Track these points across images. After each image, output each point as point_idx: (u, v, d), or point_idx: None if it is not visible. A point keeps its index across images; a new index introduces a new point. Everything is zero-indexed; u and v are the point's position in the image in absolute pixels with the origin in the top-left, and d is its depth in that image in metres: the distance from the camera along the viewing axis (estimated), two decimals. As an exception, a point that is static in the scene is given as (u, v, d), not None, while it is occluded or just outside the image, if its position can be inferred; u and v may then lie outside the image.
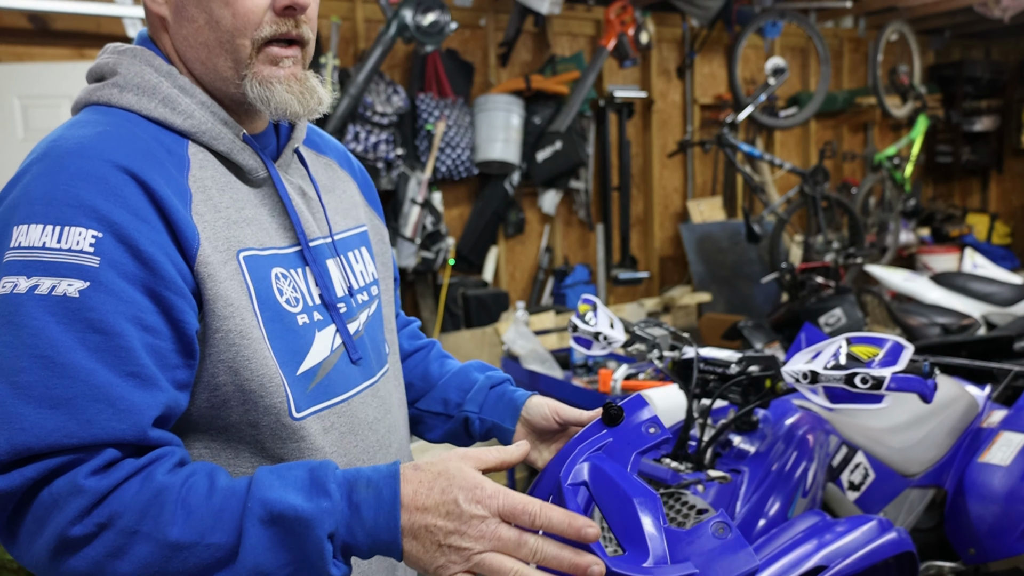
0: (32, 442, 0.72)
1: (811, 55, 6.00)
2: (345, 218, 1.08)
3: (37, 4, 3.33)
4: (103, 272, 0.76)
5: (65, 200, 0.77)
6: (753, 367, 1.43)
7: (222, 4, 0.86)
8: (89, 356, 0.75)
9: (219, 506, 0.75)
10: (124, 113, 0.88)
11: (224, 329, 0.84)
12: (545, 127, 4.57)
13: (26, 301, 0.75)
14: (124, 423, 0.75)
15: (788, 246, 5.35)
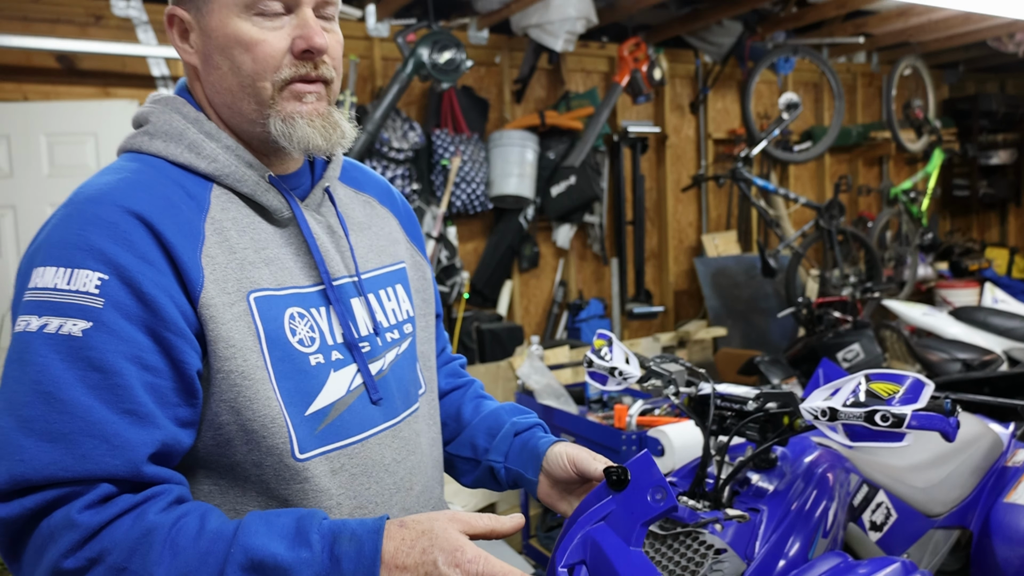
0: (30, 473, 0.75)
1: (824, 90, 6.03)
2: (380, 255, 1.09)
3: (65, 45, 3.41)
4: (106, 313, 0.80)
5: (76, 244, 0.81)
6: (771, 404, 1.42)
7: (242, 51, 0.90)
8: (88, 393, 0.78)
9: (205, 549, 0.77)
10: (152, 159, 0.92)
11: (225, 370, 0.85)
12: (559, 162, 4.60)
13: (35, 339, 0.79)
14: (118, 459, 0.77)
15: (804, 280, 5.32)
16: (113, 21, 3.72)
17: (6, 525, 0.77)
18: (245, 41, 0.90)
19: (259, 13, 0.90)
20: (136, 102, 3.65)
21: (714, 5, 4.67)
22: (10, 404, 0.78)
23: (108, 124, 3.57)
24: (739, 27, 5.10)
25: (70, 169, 3.55)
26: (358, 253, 1.04)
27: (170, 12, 0.95)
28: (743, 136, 5.42)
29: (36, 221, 3.52)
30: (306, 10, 0.92)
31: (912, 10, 4.95)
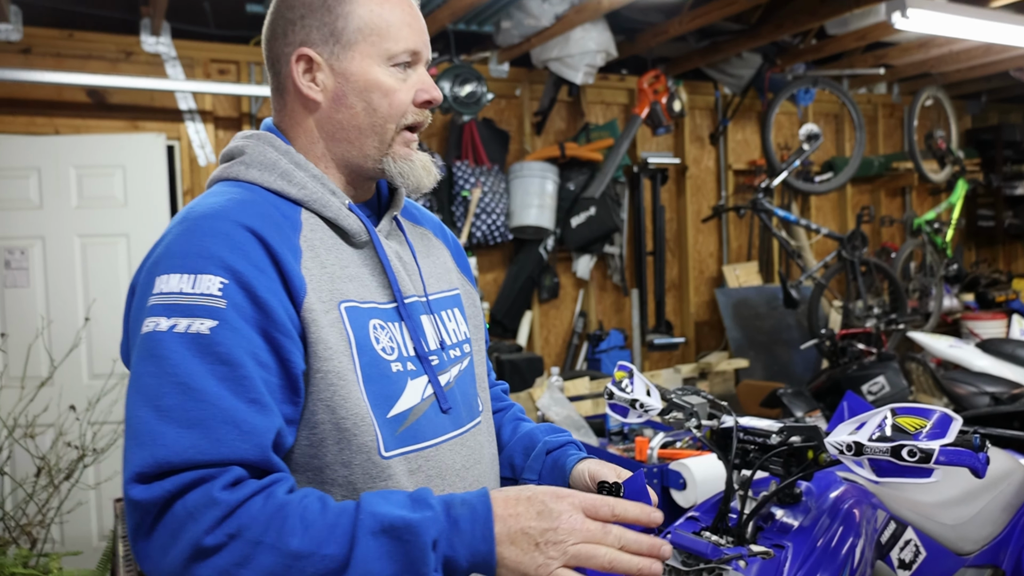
0: (172, 457, 0.82)
1: (845, 121, 6.02)
2: (439, 281, 1.19)
3: (96, 80, 3.49)
4: (228, 312, 0.88)
5: (198, 253, 0.91)
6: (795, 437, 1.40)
7: (381, 95, 1.04)
8: (218, 384, 0.86)
9: (332, 521, 0.83)
10: (249, 185, 1.03)
11: (324, 370, 0.94)
12: (579, 193, 4.62)
13: (166, 337, 0.87)
14: (248, 443, 0.85)
15: (827, 311, 5.27)
16: (143, 57, 3.81)
17: (144, 508, 0.82)
18: (384, 88, 1.04)
19: (395, 65, 1.04)
20: (163, 135, 3.72)
21: (733, 38, 4.70)
22: (147, 396, 0.85)
23: (136, 156, 3.64)
24: (758, 59, 5.12)
25: (98, 201, 3.61)
26: (424, 276, 1.15)
27: (302, 52, 1.04)
28: (763, 167, 5.41)
29: (64, 252, 3.58)
30: (422, 67, 1.08)
31: (933, 41, 4.95)
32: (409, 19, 1.05)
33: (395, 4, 1.05)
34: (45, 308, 3.55)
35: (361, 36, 1.03)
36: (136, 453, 0.83)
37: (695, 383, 4.84)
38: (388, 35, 1.03)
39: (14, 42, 3.56)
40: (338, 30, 1.03)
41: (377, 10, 1.03)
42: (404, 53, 1.04)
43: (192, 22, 3.93)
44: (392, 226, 1.14)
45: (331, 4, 1.03)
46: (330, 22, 1.03)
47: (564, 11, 3.99)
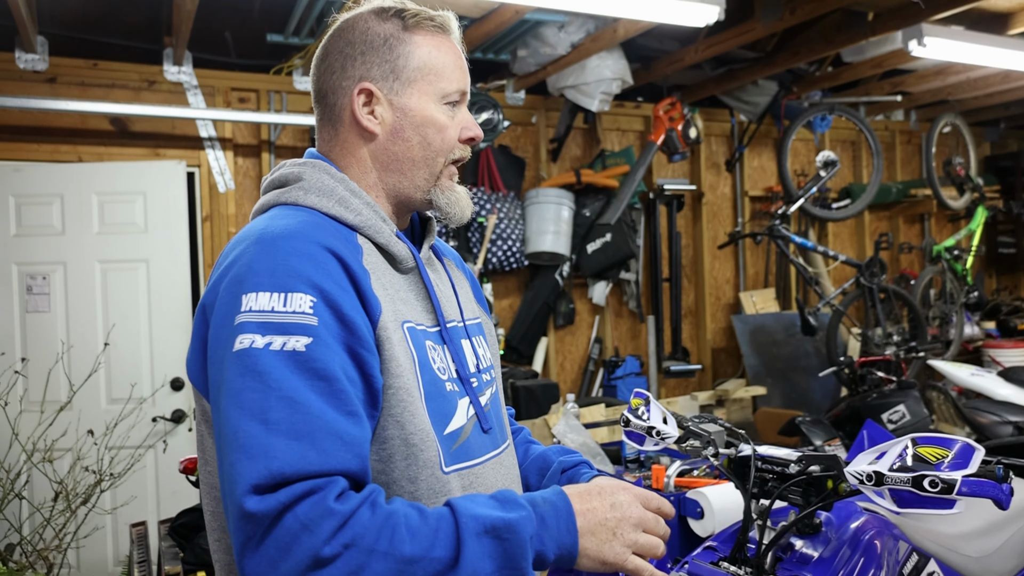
0: (285, 468, 0.84)
1: (862, 147, 6.01)
2: (467, 309, 1.25)
3: (120, 108, 3.56)
4: (320, 330, 0.92)
5: (285, 272, 0.93)
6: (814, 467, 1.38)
7: (436, 131, 1.11)
8: (319, 398, 0.89)
9: (435, 526, 0.88)
10: (308, 210, 1.06)
11: (396, 386, 0.98)
12: (595, 219, 4.62)
13: (264, 355, 0.89)
14: (350, 454, 0.88)
15: (846, 339, 5.22)
16: (165, 86, 3.88)
17: (258, 520, 0.83)
18: (439, 124, 1.11)
19: (446, 103, 1.12)
20: (184, 162, 3.77)
21: (749, 66, 4.72)
22: (252, 411, 0.87)
23: (157, 183, 3.69)
24: (774, 87, 5.13)
25: (119, 227, 3.66)
26: (460, 302, 1.21)
27: (363, 87, 1.10)
28: (780, 194, 5.40)
29: (85, 277, 3.62)
30: (465, 106, 1.16)
31: (950, 68, 4.94)
32: (460, 62, 1.14)
33: (449, 48, 1.13)
34: (65, 333, 3.59)
35: (420, 75, 1.10)
36: (248, 466, 0.84)
37: (712, 410, 4.80)
38: (443, 75, 1.11)
39: (40, 72, 3.64)
40: (398, 68, 1.10)
41: (435, 52, 1.11)
42: (455, 92, 1.13)
43: (213, 52, 4.00)
44: (429, 254, 1.21)
45: (392, 43, 1.10)
46: (391, 60, 1.10)
47: (580, 40, 4.03)
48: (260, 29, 3.90)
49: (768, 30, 3.84)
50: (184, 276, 3.70)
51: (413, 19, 1.11)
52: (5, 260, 3.58)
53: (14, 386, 3.19)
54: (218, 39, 4.01)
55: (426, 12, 1.12)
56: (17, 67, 3.59)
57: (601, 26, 3.94)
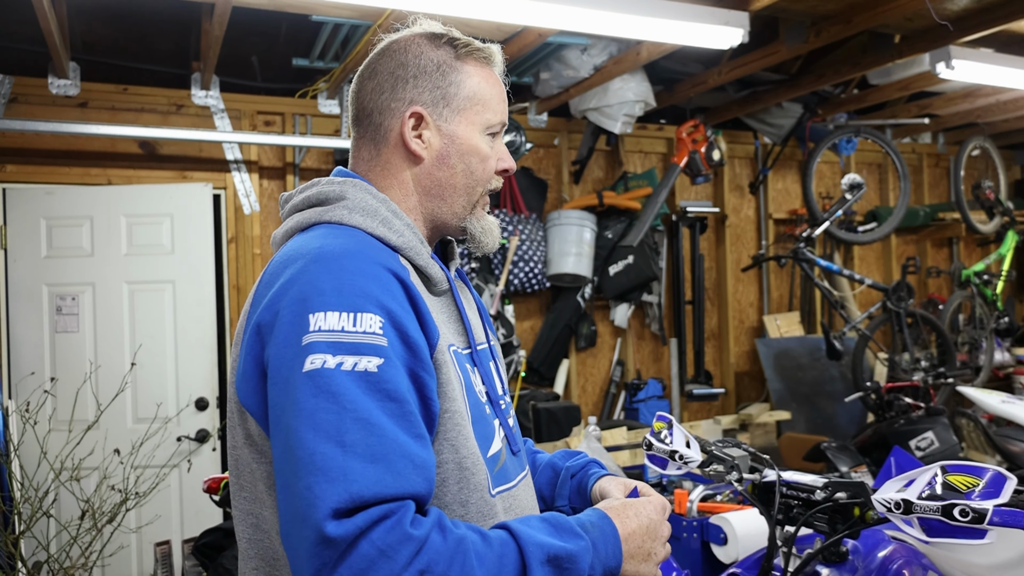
0: (364, 492, 0.83)
1: (889, 170, 5.95)
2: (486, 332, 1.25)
3: (149, 132, 3.62)
4: (390, 351, 0.91)
5: (353, 292, 0.92)
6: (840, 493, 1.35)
7: (479, 160, 1.13)
8: (390, 420, 0.87)
9: (500, 552, 0.88)
10: (353, 230, 1.04)
11: (451, 410, 0.98)
12: (617, 241, 4.61)
13: (336, 375, 0.87)
14: (420, 477, 0.87)
15: (872, 364, 5.14)
16: (193, 109, 3.95)
17: (337, 544, 0.80)
18: (483, 154, 1.13)
19: (489, 134, 1.14)
20: (210, 184, 3.83)
21: (773, 88, 4.71)
22: (327, 432, 0.85)
23: (184, 206, 3.75)
24: (799, 109, 5.11)
25: (147, 248, 3.72)
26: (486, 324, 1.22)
27: (416, 111, 1.10)
28: (804, 216, 5.36)
29: (113, 298, 3.67)
30: (501, 139, 1.17)
31: (979, 91, 4.90)
32: (503, 95, 1.17)
33: (495, 80, 1.16)
34: (93, 353, 3.64)
35: (469, 104, 1.12)
36: (328, 489, 0.82)
37: (735, 435, 4.74)
38: (489, 107, 1.13)
39: (72, 96, 3.72)
40: (449, 95, 1.11)
41: (483, 84, 1.13)
42: (498, 124, 1.15)
43: (240, 76, 4.07)
44: (456, 277, 1.22)
45: (445, 70, 1.11)
46: (443, 87, 1.11)
47: (603, 62, 4.05)
48: (286, 54, 3.97)
49: (792, 52, 3.84)
50: (209, 297, 3.74)
51: (464, 49, 1.13)
52: (36, 281, 3.64)
53: (43, 405, 3.23)
54: (245, 63, 4.08)
55: (476, 44, 1.14)
56: (50, 92, 3.68)
57: (624, 49, 3.95)
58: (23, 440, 3.13)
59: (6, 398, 3.48)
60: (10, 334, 3.63)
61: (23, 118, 3.55)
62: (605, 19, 3.04)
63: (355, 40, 3.58)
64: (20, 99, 3.64)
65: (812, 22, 3.70)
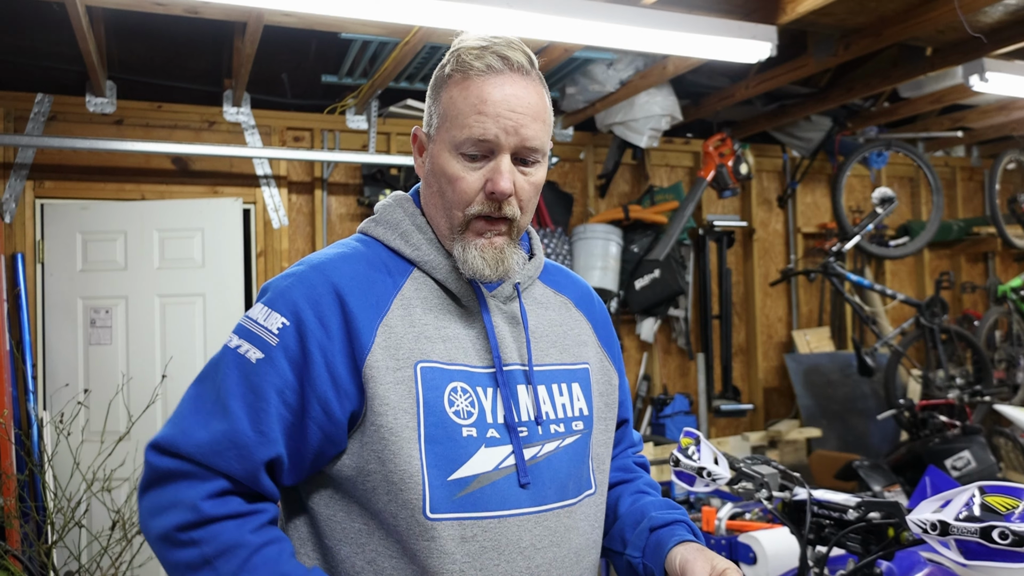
0: (180, 443, 0.97)
1: (921, 184, 5.87)
2: (561, 353, 1.16)
3: (182, 148, 3.69)
4: (276, 351, 0.99)
5: (282, 294, 1.03)
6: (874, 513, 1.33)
7: (447, 181, 1.06)
8: (242, 408, 0.98)
9: None
10: (372, 240, 1.13)
11: (378, 424, 0.99)
12: (643, 256, 4.59)
13: (229, 353, 1.02)
14: (240, 465, 0.97)
15: (905, 381, 5.05)
16: (224, 126, 4.01)
17: (150, 470, 0.99)
18: (449, 175, 1.05)
19: (463, 154, 1.04)
20: (240, 199, 3.88)
21: (801, 101, 4.67)
22: (196, 389, 1.02)
23: (214, 220, 3.80)
24: (828, 122, 5.07)
25: (178, 262, 3.77)
26: (536, 346, 1.13)
27: (416, 131, 1.15)
28: (834, 230, 5.30)
29: (145, 311, 3.73)
30: (503, 158, 1.03)
31: (1014, 103, 4.82)
32: (485, 108, 1.01)
33: (473, 93, 1.02)
34: (126, 365, 3.69)
35: (441, 122, 1.06)
36: (166, 427, 1.00)
37: (764, 452, 4.68)
38: (455, 123, 1.03)
39: (108, 114, 3.80)
40: (432, 113, 1.10)
41: (455, 97, 1.04)
42: (467, 142, 1.02)
43: (270, 92, 4.13)
44: (513, 291, 1.13)
45: (436, 88, 1.10)
46: (431, 105, 1.10)
47: (629, 77, 4.05)
48: (315, 70, 4.02)
49: (821, 66, 3.81)
50: (239, 310, 3.79)
51: (449, 67, 1.06)
52: (71, 294, 3.71)
53: (76, 416, 3.28)
54: (275, 80, 4.14)
55: (463, 61, 1.04)
56: (87, 110, 3.76)
57: (650, 63, 3.95)
58: (57, 451, 3.18)
59: (41, 409, 3.55)
60: (46, 346, 3.70)
61: (61, 135, 3.64)
62: (632, 34, 3.04)
63: (383, 57, 3.62)
64: (59, 117, 3.73)
65: (841, 35, 3.67)
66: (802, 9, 3.15)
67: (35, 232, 3.70)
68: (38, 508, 3.14)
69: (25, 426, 3.40)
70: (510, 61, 1.03)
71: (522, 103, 1.03)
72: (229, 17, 3.05)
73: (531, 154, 1.05)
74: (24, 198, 3.67)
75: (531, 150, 1.05)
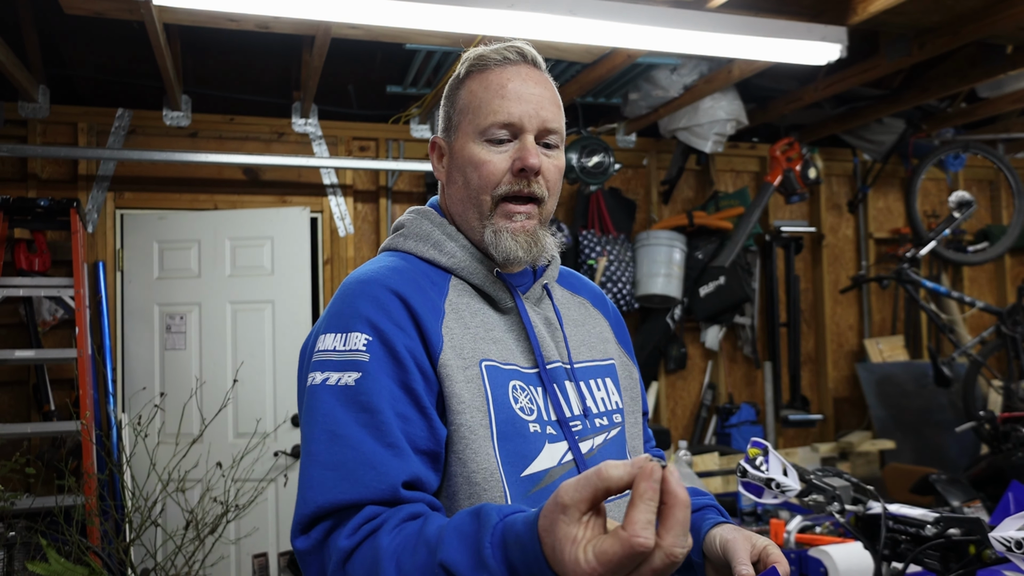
0: (319, 499, 0.90)
1: (1001, 187, 5.63)
2: (591, 350, 1.21)
3: (253, 159, 3.81)
4: (371, 365, 0.97)
5: (349, 314, 1.01)
6: (953, 529, 1.27)
7: (472, 168, 1.09)
8: (360, 430, 0.93)
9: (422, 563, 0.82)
10: (405, 255, 1.14)
11: (456, 423, 0.99)
12: (708, 262, 4.53)
13: (320, 390, 0.97)
14: (382, 483, 0.90)
15: (985, 391, 4.84)
16: (293, 137, 4.12)
17: (302, 555, 0.92)
18: (475, 160, 1.09)
19: (489, 140, 1.08)
20: (308, 208, 3.98)
21: (873, 103, 4.54)
22: (304, 444, 0.96)
23: (283, 229, 3.90)
24: (901, 124, 4.91)
25: (249, 270, 3.89)
26: (571, 344, 1.18)
27: (433, 140, 1.18)
28: (908, 236, 5.12)
29: (217, 317, 3.85)
30: (528, 137, 1.08)
31: (1100, 101, 4.58)
32: (506, 92, 1.08)
33: (490, 82, 1.10)
34: (199, 369, 3.82)
35: (461, 116, 1.12)
36: (298, 504, 0.93)
37: (835, 464, 4.54)
38: (479, 111, 1.09)
39: (183, 127, 3.95)
40: (450, 116, 1.14)
41: (475, 91, 1.11)
42: (494, 126, 1.08)
43: (337, 103, 4.23)
44: (542, 293, 1.19)
45: (450, 95, 1.15)
46: (448, 110, 1.15)
47: (693, 82, 4.00)
48: (380, 81, 4.10)
49: (894, 67, 3.69)
50: (306, 316, 3.88)
51: (467, 66, 1.13)
52: (149, 301, 3.86)
53: (153, 419, 3.41)
54: (342, 91, 4.24)
55: (478, 54, 1.12)
56: (164, 123, 3.91)
57: (715, 68, 3.90)
58: (135, 452, 3.30)
59: (120, 411, 3.69)
60: (125, 351, 3.86)
61: (140, 148, 3.80)
62: (697, 39, 3.01)
63: (446, 66, 3.67)
64: (138, 131, 3.89)
65: (915, 34, 3.56)
66: (873, 8, 3.07)
67: (115, 241, 3.86)
68: (117, 507, 3.26)
69: (105, 428, 3.54)
70: (524, 53, 1.12)
71: (539, 87, 1.11)
72: (298, 31, 3.13)
73: (552, 136, 1.11)
74: (105, 209, 3.83)
75: (552, 132, 1.11)
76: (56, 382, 3.74)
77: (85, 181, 3.81)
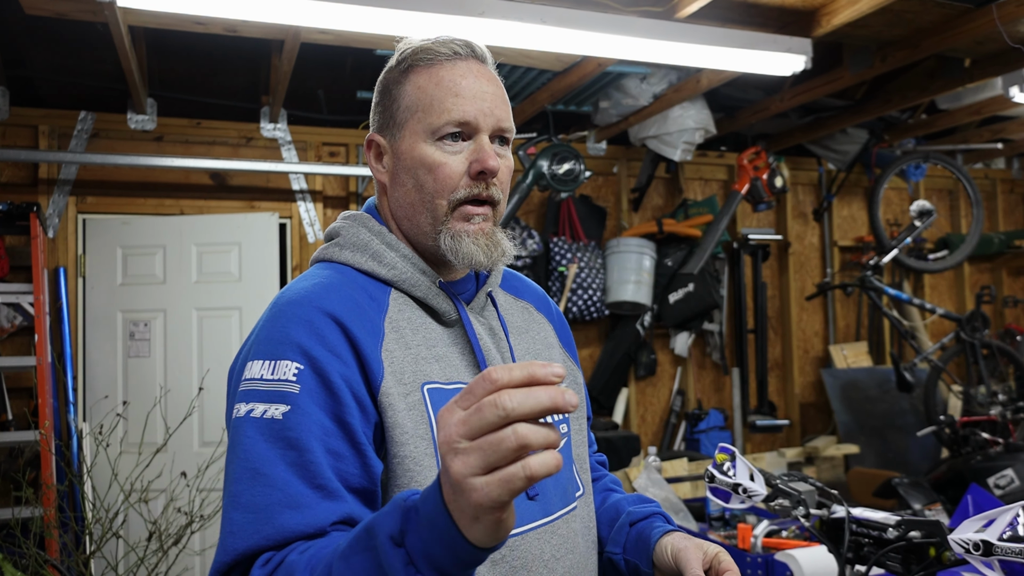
0: (238, 544, 0.83)
1: (960, 196, 5.76)
2: (536, 357, 1.15)
3: (220, 164, 3.76)
4: (301, 397, 0.89)
5: (280, 339, 0.93)
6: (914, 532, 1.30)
7: (426, 171, 1.02)
8: (287, 469, 0.85)
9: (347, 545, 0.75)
10: (341, 267, 1.05)
11: (400, 455, 0.92)
12: (677, 269, 4.57)
13: (244, 423, 0.89)
14: (309, 528, 0.83)
15: (946, 396, 4.94)
16: (261, 142, 4.08)
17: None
18: (429, 163, 1.01)
19: (442, 139, 1.01)
20: (276, 214, 3.94)
21: (837, 114, 4.62)
22: (227, 484, 0.88)
23: (251, 234, 3.86)
24: (864, 135, 5.01)
25: (215, 276, 3.84)
26: (516, 354, 1.11)
27: (370, 138, 1.09)
28: (871, 244, 5.22)
29: (182, 324, 3.79)
30: (483, 137, 1.02)
31: (1054, 113, 4.72)
32: (459, 90, 1.01)
33: (440, 78, 1.02)
34: (163, 377, 3.75)
35: (408, 114, 1.03)
36: (218, 551, 0.85)
37: (801, 468, 4.60)
38: (431, 109, 1.01)
39: (148, 131, 3.89)
40: (392, 112, 1.05)
41: (424, 87, 1.02)
42: (448, 125, 1.01)
43: (307, 108, 4.20)
44: (486, 301, 1.12)
45: (390, 88, 1.06)
46: (389, 106, 1.06)
47: (663, 91, 4.04)
48: (351, 87, 4.08)
49: (857, 78, 3.76)
50: (274, 323, 3.83)
51: (409, 60, 1.05)
52: (112, 308, 3.79)
53: (115, 428, 3.34)
54: (311, 97, 4.21)
55: (426, 49, 1.04)
56: (128, 127, 3.85)
57: (684, 77, 3.94)
58: (96, 462, 3.23)
59: (80, 420, 3.62)
60: (86, 358, 3.78)
61: (103, 152, 3.73)
62: (666, 49, 3.04)
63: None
64: (101, 134, 3.82)
65: (878, 47, 3.63)
66: (837, 21, 3.13)
67: (77, 246, 3.79)
68: (77, 519, 3.19)
69: (65, 437, 3.47)
70: (474, 48, 1.05)
71: (492, 85, 1.05)
72: (267, 35, 3.11)
73: (505, 135, 1.05)
74: (67, 213, 3.76)
75: (505, 131, 1.05)
76: (14, 391, 3.65)
77: (46, 185, 3.73)
